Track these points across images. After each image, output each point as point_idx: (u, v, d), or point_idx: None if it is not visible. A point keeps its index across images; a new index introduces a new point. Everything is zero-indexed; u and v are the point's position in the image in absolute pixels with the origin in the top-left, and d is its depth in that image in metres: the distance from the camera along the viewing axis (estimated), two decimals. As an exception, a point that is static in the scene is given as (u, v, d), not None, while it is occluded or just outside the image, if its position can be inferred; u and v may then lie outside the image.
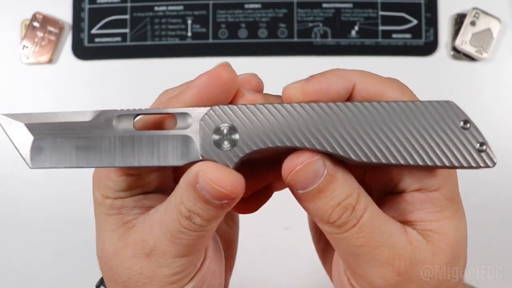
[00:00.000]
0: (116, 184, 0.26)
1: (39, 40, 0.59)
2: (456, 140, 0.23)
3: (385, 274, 0.23)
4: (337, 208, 0.23)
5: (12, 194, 0.59)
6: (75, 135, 0.25)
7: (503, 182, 0.57)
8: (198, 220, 0.23)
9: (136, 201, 0.26)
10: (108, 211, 0.26)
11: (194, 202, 0.23)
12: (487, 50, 0.58)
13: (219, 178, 0.22)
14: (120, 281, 0.26)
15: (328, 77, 0.24)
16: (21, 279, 0.58)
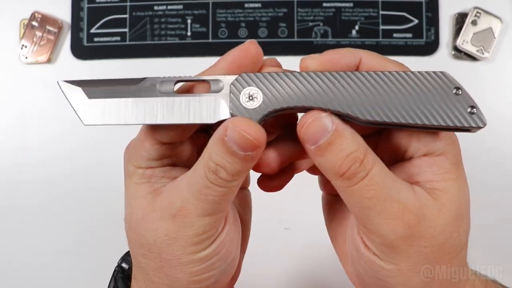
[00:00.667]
0: (149, 152, 0.29)
1: (38, 39, 0.59)
2: (450, 103, 0.26)
3: (396, 227, 0.25)
4: (346, 160, 0.25)
5: (11, 194, 0.59)
6: (124, 96, 0.28)
7: (504, 182, 0.57)
8: (223, 173, 0.26)
9: (164, 171, 0.29)
10: (139, 180, 0.29)
11: (222, 155, 0.26)
12: (488, 50, 0.58)
13: (246, 126, 0.26)
14: (145, 244, 0.28)
15: (340, 51, 0.28)
16: (21, 279, 0.58)
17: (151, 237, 0.27)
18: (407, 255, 0.26)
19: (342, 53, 0.28)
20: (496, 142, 0.58)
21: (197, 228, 0.27)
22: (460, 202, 0.27)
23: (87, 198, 0.59)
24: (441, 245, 0.26)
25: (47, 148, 0.59)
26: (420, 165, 0.27)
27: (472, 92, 0.64)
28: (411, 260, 0.26)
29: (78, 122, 0.64)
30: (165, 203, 0.27)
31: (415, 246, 0.26)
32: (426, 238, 0.26)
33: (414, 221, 0.25)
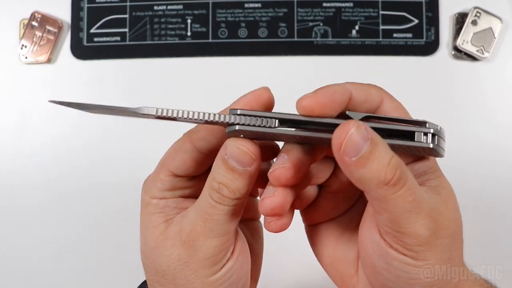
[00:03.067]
0: (163, 183, 0.31)
1: (38, 39, 0.59)
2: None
3: (429, 224, 0.27)
4: (389, 166, 0.26)
5: (11, 193, 0.59)
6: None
7: (505, 182, 0.57)
8: (225, 191, 0.28)
9: (177, 202, 0.31)
10: (153, 210, 0.31)
11: (223, 173, 0.28)
12: (488, 50, 0.58)
13: (243, 142, 0.28)
14: (160, 270, 0.30)
15: (333, 87, 0.29)
16: (21, 279, 0.58)
17: (165, 263, 0.30)
18: (435, 249, 0.28)
19: (334, 88, 0.29)
20: (496, 142, 0.58)
21: (206, 250, 0.29)
22: (453, 193, 0.30)
23: (88, 198, 0.59)
24: (454, 234, 0.29)
25: (47, 148, 0.59)
26: (416, 169, 0.30)
27: (472, 92, 0.64)
28: (438, 253, 0.28)
29: (78, 122, 0.64)
30: (176, 230, 0.30)
31: (440, 239, 0.28)
32: (445, 230, 0.28)
33: (436, 216, 0.28)
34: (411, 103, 0.61)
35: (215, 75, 0.59)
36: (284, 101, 0.62)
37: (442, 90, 0.58)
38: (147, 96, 0.60)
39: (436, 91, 0.58)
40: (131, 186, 0.58)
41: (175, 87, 0.59)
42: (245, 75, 0.59)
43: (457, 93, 0.58)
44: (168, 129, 0.61)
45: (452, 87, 0.59)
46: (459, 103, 0.58)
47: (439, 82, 0.59)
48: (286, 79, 0.59)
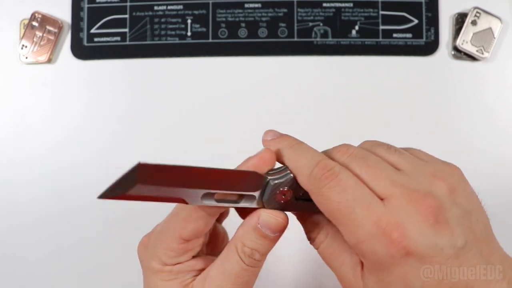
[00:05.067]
0: (177, 251, 0.32)
1: (38, 39, 0.59)
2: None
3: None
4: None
5: (11, 193, 0.59)
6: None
7: (505, 182, 0.57)
8: (257, 255, 0.32)
9: (190, 266, 0.33)
10: (167, 277, 0.33)
11: (255, 240, 0.31)
12: (488, 50, 0.58)
13: (277, 213, 0.31)
14: None
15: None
16: (21, 279, 0.58)
17: None
18: None
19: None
20: (496, 142, 0.58)
21: None
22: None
23: (88, 198, 0.59)
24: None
25: (47, 148, 0.59)
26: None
27: (472, 92, 0.64)
28: None
29: (78, 122, 0.64)
30: None
31: None
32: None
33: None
34: (411, 103, 0.62)
35: (215, 75, 0.59)
36: (284, 101, 0.63)
37: (442, 90, 0.58)
38: (147, 96, 0.60)
39: (435, 91, 0.58)
40: (131, 186, 0.58)
41: (175, 87, 0.59)
42: (245, 75, 0.59)
43: (456, 93, 0.58)
44: (168, 133, 0.61)
45: (451, 87, 0.59)
46: (459, 103, 0.58)
47: (438, 82, 0.59)
48: (286, 79, 0.59)
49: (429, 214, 0.28)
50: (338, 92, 0.59)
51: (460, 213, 0.29)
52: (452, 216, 0.28)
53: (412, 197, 0.28)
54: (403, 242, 0.27)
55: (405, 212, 0.28)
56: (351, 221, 0.28)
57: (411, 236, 0.27)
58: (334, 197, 0.29)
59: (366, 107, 0.58)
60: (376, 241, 0.27)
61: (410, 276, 0.28)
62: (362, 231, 0.28)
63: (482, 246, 0.29)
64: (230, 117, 0.59)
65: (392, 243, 0.27)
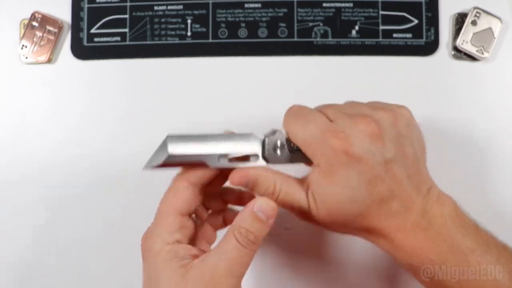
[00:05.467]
0: (173, 226, 0.37)
1: (38, 39, 0.59)
2: None
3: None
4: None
5: (11, 193, 0.59)
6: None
7: (505, 181, 0.57)
8: (252, 236, 0.35)
9: (187, 249, 0.37)
10: (167, 256, 0.35)
11: (251, 222, 0.36)
12: (488, 50, 0.58)
13: (269, 200, 0.37)
14: None
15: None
16: (21, 278, 0.58)
17: None
18: None
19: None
20: (496, 142, 0.58)
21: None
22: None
23: (88, 198, 0.59)
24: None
25: (47, 148, 0.59)
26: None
27: (472, 92, 0.64)
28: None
29: (79, 122, 0.64)
30: (196, 273, 0.34)
31: None
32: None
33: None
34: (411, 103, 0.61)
35: (215, 75, 0.59)
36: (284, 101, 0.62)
37: (442, 90, 0.58)
38: (147, 96, 0.60)
39: (435, 91, 0.58)
40: (133, 185, 0.58)
41: (175, 87, 0.59)
42: (245, 75, 0.59)
43: (456, 93, 0.58)
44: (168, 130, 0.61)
45: (451, 87, 0.59)
46: (459, 103, 0.58)
47: (438, 82, 0.59)
48: (286, 79, 0.59)
49: (367, 127, 0.36)
50: (338, 92, 0.59)
51: (395, 134, 0.37)
52: (387, 133, 0.36)
53: (354, 117, 0.37)
54: (344, 143, 0.35)
55: (348, 126, 0.36)
56: (306, 134, 0.37)
57: (351, 140, 0.35)
58: (294, 121, 0.38)
59: (366, 107, 0.58)
60: (324, 145, 0.36)
61: (350, 174, 0.35)
62: (314, 140, 0.36)
63: (409, 165, 0.36)
64: (230, 117, 0.59)
65: (335, 145, 0.35)
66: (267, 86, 0.59)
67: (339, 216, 0.36)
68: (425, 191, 0.37)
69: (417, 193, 0.36)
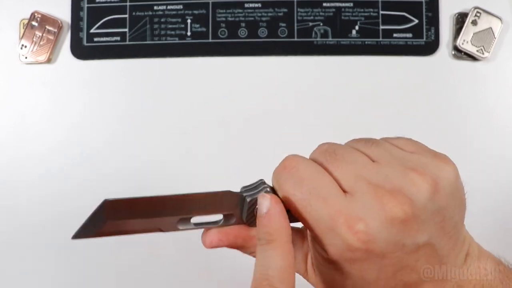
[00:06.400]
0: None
1: (38, 39, 0.59)
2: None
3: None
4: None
5: (11, 193, 0.59)
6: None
7: (505, 182, 0.57)
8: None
9: None
10: None
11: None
12: (488, 50, 0.58)
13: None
14: None
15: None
16: (21, 278, 0.58)
17: None
18: None
19: None
20: (496, 142, 0.58)
21: None
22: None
23: (88, 198, 0.59)
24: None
25: (47, 148, 0.59)
26: None
27: (472, 92, 0.64)
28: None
29: (78, 122, 0.64)
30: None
31: None
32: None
33: None
34: (411, 103, 0.61)
35: (215, 75, 0.59)
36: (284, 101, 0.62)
37: (442, 90, 0.58)
38: (147, 96, 0.60)
39: (436, 91, 0.58)
40: (133, 185, 0.58)
41: (175, 87, 0.59)
42: (245, 75, 0.59)
43: (457, 93, 0.58)
44: (168, 132, 0.61)
45: (452, 87, 0.59)
46: (459, 103, 0.58)
47: (439, 82, 0.59)
48: (286, 79, 0.59)
49: (397, 211, 0.26)
50: (338, 92, 0.59)
51: (434, 209, 0.27)
52: (423, 213, 0.26)
53: (378, 193, 0.26)
54: (363, 238, 0.25)
55: (368, 207, 0.26)
56: (308, 214, 0.27)
57: (373, 232, 0.25)
58: (290, 190, 0.27)
59: (366, 107, 0.58)
60: (335, 235, 0.26)
61: (367, 270, 0.27)
62: (320, 225, 0.26)
63: (447, 241, 0.28)
64: (230, 117, 0.58)
65: (351, 240, 0.26)
66: (267, 86, 0.59)
67: None
68: (462, 260, 0.29)
69: (452, 265, 0.29)
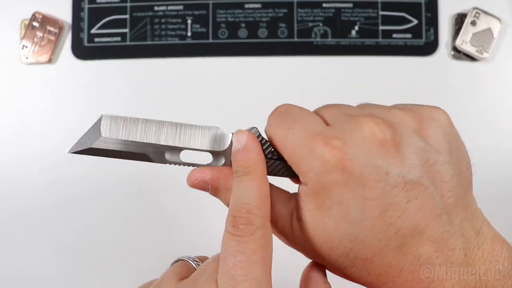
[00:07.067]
0: None
1: (39, 39, 0.59)
2: None
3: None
4: None
5: (11, 193, 0.59)
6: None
7: (504, 182, 0.57)
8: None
9: None
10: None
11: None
12: (487, 50, 0.58)
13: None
14: None
15: None
16: (21, 277, 0.58)
17: None
18: None
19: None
20: (495, 142, 0.58)
21: None
22: (313, 235, 0.28)
23: (88, 198, 0.59)
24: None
25: (47, 148, 0.59)
26: (299, 191, 0.29)
27: (471, 92, 0.64)
28: None
29: (79, 122, 0.64)
30: None
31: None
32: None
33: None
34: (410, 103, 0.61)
35: (215, 76, 0.59)
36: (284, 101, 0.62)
37: (441, 90, 0.59)
38: (147, 96, 0.60)
39: (435, 91, 0.59)
40: (133, 185, 0.58)
41: (175, 88, 0.59)
42: (245, 75, 0.59)
43: (456, 93, 0.59)
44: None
45: (451, 87, 0.59)
46: (458, 103, 0.58)
47: (438, 82, 0.59)
48: (286, 79, 0.59)
49: (374, 131, 0.24)
50: (338, 92, 0.59)
51: (422, 146, 0.25)
52: (407, 144, 0.24)
53: (358, 119, 0.25)
54: (339, 154, 0.24)
55: (347, 129, 0.25)
56: (289, 141, 0.26)
57: (349, 150, 0.24)
58: (275, 122, 0.27)
59: (365, 107, 0.58)
60: (312, 155, 0.25)
61: (349, 200, 0.24)
62: (299, 148, 0.25)
63: (445, 192, 0.25)
64: (230, 117, 0.59)
65: (326, 155, 0.24)
66: (266, 86, 0.59)
67: (332, 256, 0.26)
68: (473, 233, 0.26)
69: (459, 235, 0.25)
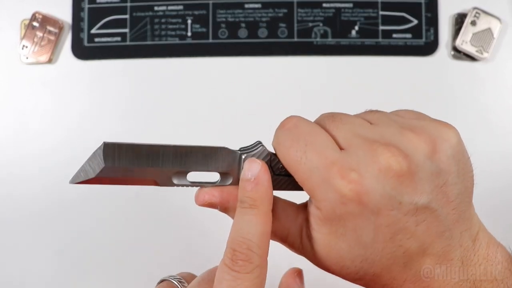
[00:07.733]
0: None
1: (39, 39, 0.59)
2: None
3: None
4: None
5: (11, 193, 0.59)
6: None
7: (504, 182, 0.57)
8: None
9: None
10: None
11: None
12: (487, 50, 0.58)
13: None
14: None
15: None
16: (20, 276, 0.58)
17: None
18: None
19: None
20: (495, 142, 0.58)
21: None
22: (323, 257, 0.30)
23: (88, 198, 0.59)
24: None
25: (47, 148, 0.59)
26: (310, 212, 0.30)
27: (471, 92, 0.64)
28: None
29: (79, 122, 0.64)
30: None
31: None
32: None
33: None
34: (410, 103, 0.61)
35: (215, 76, 0.59)
36: (284, 101, 0.63)
37: (441, 90, 0.59)
38: (147, 97, 0.60)
39: (435, 91, 0.59)
40: (133, 187, 0.58)
41: (175, 87, 0.60)
42: (245, 75, 0.59)
43: (456, 93, 0.59)
44: (168, 133, 0.61)
45: (451, 87, 0.59)
46: (458, 103, 0.58)
47: (438, 82, 0.59)
48: (286, 79, 0.59)
49: (391, 163, 0.25)
50: (338, 92, 0.59)
51: (433, 170, 0.26)
52: (420, 171, 0.26)
53: (373, 146, 0.26)
54: (356, 188, 0.25)
55: (362, 159, 0.26)
56: (302, 166, 0.27)
57: (366, 183, 0.25)
58: (286, 143, 0.28)
59: (365, 107, 0.58)
60: (328, 186, 0.26)
61: (363, 229, 0.26)
62: (314, 176, 0.26)
63: (450, 210, 0.27)
64: (230, 117, 0.59)
65: (344, 189, 0.25)
66: (266, 86, 0.59)
67: (343, 272, 0.28)
68: (470, 242, 0.28)
69: (458, 246, 0.27)
